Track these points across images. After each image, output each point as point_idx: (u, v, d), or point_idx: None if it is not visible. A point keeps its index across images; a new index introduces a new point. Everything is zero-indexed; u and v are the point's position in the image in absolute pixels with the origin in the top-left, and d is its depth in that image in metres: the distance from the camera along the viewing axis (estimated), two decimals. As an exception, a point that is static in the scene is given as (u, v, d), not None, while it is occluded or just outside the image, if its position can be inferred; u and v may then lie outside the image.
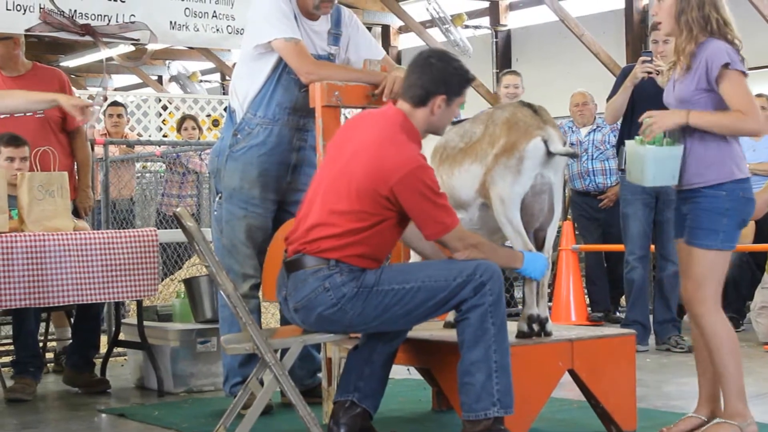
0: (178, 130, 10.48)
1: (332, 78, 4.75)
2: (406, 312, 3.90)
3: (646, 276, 7.04)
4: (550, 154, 4.10)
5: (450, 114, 4.06)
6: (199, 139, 10.10)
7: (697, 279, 4.12)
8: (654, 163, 4.12)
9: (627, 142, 4.32)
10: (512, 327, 4.44)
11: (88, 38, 6.57)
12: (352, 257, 3.89)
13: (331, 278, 3.88)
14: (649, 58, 6.45)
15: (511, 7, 17.63)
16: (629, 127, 6.45)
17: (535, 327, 4.24)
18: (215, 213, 5.11)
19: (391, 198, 3.85)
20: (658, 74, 5.75)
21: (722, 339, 4.11)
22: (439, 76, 3.98)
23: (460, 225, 3.94)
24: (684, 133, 4.14)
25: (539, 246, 4.30)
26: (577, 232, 8.65)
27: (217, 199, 5.11)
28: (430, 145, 4.39)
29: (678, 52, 4.14)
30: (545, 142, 4.09)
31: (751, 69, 4.39)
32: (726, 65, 4.01)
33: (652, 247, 7.04)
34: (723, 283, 4.19)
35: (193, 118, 10.62)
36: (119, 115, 9.67)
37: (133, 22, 6.58)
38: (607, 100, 6.90)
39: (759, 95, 8.85)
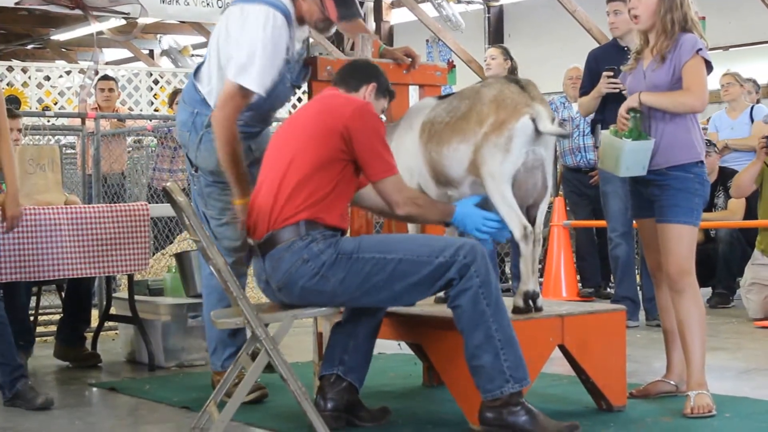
0: (170, 104, 10.42)
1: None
2: (389, 284, 3.88)
3: (630, 252, 7.04)
4: (539, 132, 4.10)
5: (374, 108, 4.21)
6: (190, 113, 10.04)
7: (682, 253, 4.39)
8: (629, 155, 4.39)
9: (603, 132, 4.59)
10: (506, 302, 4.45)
11: (78, 12, 6.55)
12: (320, 213, 3.90)
13: (308, 249, 3.87)
14: (612, 73, 6.45)
15: (504, -18, 17.58)
16: (603, 107, 6.55)
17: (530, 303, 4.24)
18: (195, 187, 4.86)
19: (345, 135, 3.93)
20: (621, 92, 5.74)
21: (700, 313, 4.41)
22: (371, 72, 4.30)
23: (400, 175, 4.04)
24: (656, 118, 4.42)
25: (530, 222, 4.30)
26: (568, 208, 8.66)
27: (192, 171, 4.86)
28: (416, 123, 4.42)
29: (654, 45, 4.44)
30: (533, 120, 4.08)
31: (745, 45, 4.50)
32: (698, 51, 4.34)
33: (635, 223, 7.05)
34: None
35: (185, 93, 10.55)
36: (110, 89, 9.58)
37: (123, -4, 6.55)
38: (579, 91, 6.95)
39: (726, 73, 8.96)
